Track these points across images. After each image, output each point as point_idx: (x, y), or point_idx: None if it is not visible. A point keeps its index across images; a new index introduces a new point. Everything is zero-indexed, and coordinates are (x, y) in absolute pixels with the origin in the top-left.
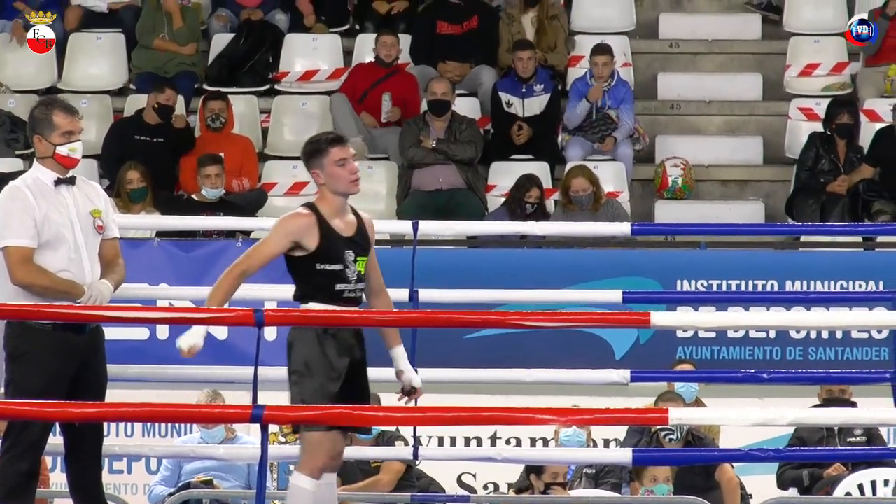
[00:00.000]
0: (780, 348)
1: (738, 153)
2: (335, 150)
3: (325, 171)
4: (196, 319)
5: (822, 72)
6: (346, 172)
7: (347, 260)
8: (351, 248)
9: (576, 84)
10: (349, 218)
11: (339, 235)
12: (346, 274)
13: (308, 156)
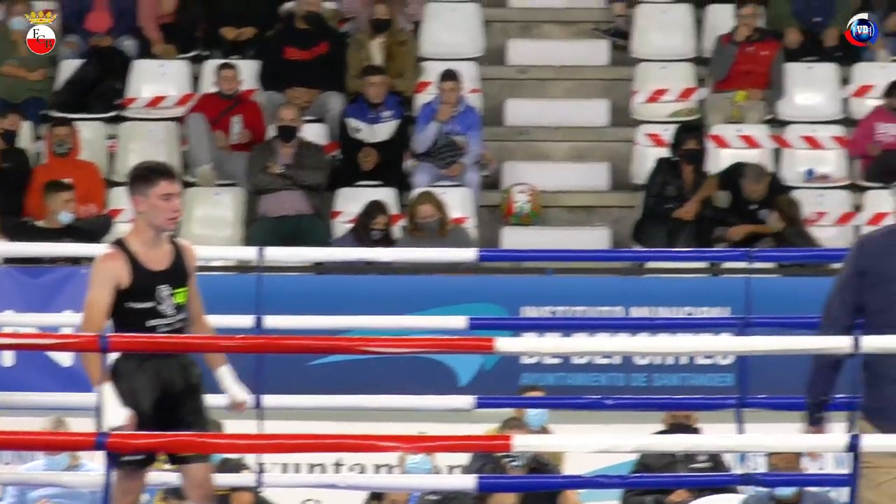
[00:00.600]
0: (625, 374)
1: (584, 179)
2: (164, 182)
3: (147, 201)
4: (41, 346)
5: (669, 97)
6: (168, 208)
7: (160, 295)
8: (166, 282)
9: (424, 110)
10: (164, 248)
11: (149, 271)
12: (159, 310)
13: (134, 181)
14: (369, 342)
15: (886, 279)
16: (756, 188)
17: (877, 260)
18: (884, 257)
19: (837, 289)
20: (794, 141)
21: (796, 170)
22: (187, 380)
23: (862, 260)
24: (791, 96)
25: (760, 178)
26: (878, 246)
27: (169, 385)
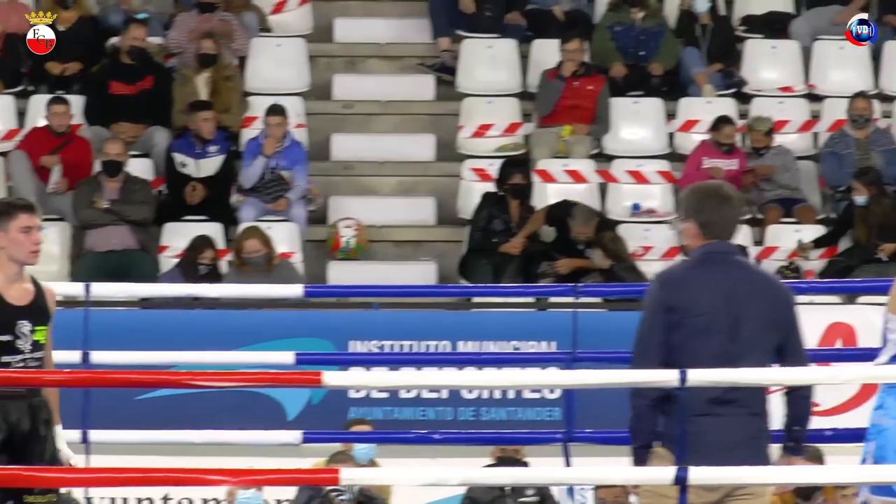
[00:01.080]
0: (453, 409)
1: (411, 214)
2: (24, 216)
3: (7, 236)
4: None
5: (495, 132)
6: (29, 241)
7: (20, 330)
8: (26, 318)
9: (249, 144)
10: (25, 286)
11: (10, 305)
12: (16, 345)
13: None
14: (197, 376)
15: (691, 314)
16: (584, 230)
17: (681, 295)
18: (687, 292)
19: (647, 326)
20: (620, 175)
21: (622, 204)
22: (34, 422)
23: (666, 296)
24: (617, 131)
25: (589, 220)
26: (680, 281)
27: (16, 426)
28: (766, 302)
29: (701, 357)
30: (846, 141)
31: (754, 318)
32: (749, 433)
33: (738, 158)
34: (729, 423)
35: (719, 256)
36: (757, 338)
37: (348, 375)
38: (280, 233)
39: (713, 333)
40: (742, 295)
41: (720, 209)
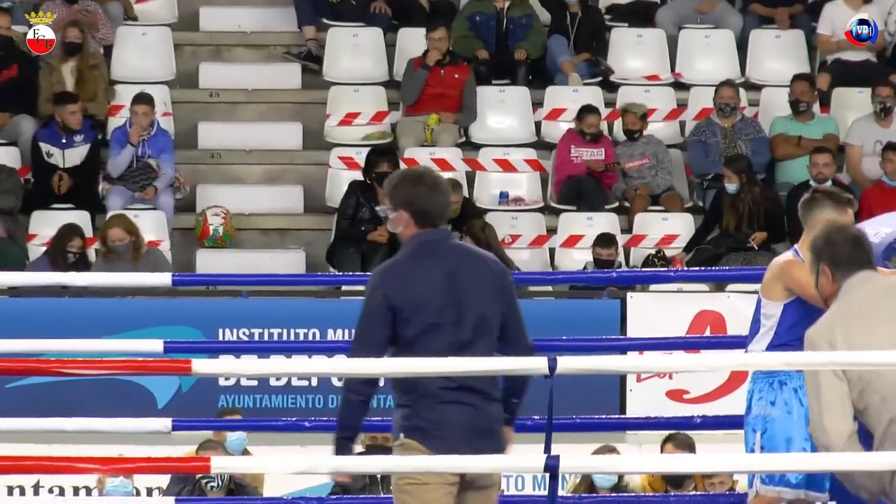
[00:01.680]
0: (323, 396)
1: (278, 202)
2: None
3: None
4: None
5: (361, 121)
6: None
7: None
8: None
9: (115, 133)
10: None
11: None
12: None
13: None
14: (66, 364)
15: (420, 310)
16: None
17: (406, 292)
18: (410, 288)
19: (367, 321)
20: (487, 164)
21: (490, 192)
22: None
23: (391, 294)
24: (483, 119)
25: (455, 190)
26: (402, 276)
27: None
28: (487, 285)
29: (434, 350)
30: (713, 129)
31: (479, 302)
32: (488, 419)
33: (604, 147)
34: (468, 410)
35: (437, 244)
36: (484, 322)
37: (218, 363)
38: (148, 221)
39: (443, 325)
40: (465, 282)
41: (433, 196)
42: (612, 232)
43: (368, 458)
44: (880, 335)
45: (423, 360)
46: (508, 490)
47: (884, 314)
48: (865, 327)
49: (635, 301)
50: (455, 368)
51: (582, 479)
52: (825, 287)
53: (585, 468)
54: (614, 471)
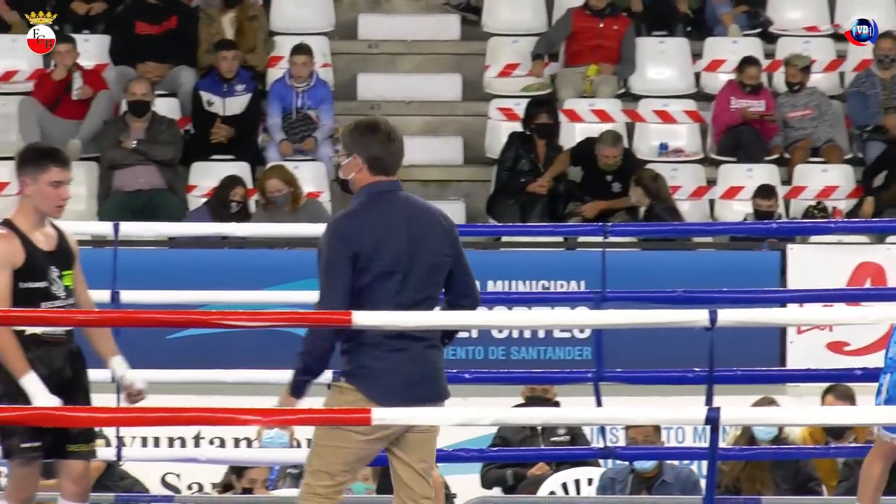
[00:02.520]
0: (483, 348)
1: (438, 154)
2: (56, 170)
3: (36, 186)
4: None
5: (521, 72)
6: (56, 195)
7: (52, 276)
8: (54, 264)
9: (275, 85)
10: (48, 231)
11: (41, 251)
12: (52, 291)
13: (26, 162)
14: (228, 316)
15: (375, 258)
16: (612, 153)
17: (362, 241)
18: (367, 237)
19: (328, 273)
20: (646, 115)
21: (649, 144)
22: (74, 368)
23: (349, 243)
24: (643, 70)
25: (616, 142)
26: (359, 225)
27: (59, 374)
28: (437, 236)
29: (384, 298)
30: (872, 81)
31: (430, 252)
32: (431, 365)
33: (765, 99)
34: (409, 357)
35: (390, 194)
36: (434, 272)
37: (377, 316)
38: (307, 172)
39: (395, 274)
40: (416, 232)
41: (387, 144)
42: (772, 183)
43: (529, 410)
44: None
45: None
46: (669, 442)
47: None
48: None
49: (795, 253)
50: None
51: (742, 432)
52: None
53: (746, 420)
54: (774, 423)
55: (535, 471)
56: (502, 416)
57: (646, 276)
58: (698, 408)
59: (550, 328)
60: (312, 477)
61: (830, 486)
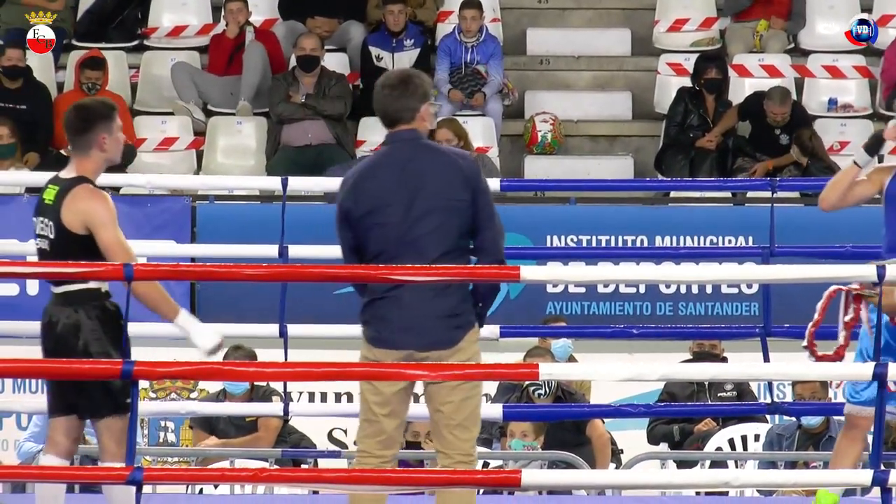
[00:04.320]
0: (651, 303)
1: (606, 109)
2: (118, 117)
3: (112, 136)
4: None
5: (690, 27)
6: (123, 141)
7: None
8: None
9: (444, 40)
10: None
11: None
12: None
13: (102, 119)
14: (394, 270)
15: (366, 212)
16: (780, 111)
17: (356, 194)
18: (360, 191)
19: (337, 230)
20: (815, 70)
21: (819, 99)
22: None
23: (343, 199)
24: (812, 26)
25: (784, 99)
26: (355, 181)
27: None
28: (441, 181)
29: (380, 243)
30: None
31: (430, 198)
32: (431, 313)
33: None
34: (402, 305)
35: (396, 146)
36: (433, 217)
37: (546, 270)
38: (476, 127)
39: (388, 224)
40: (415, 179)
41: (381, 98)
42: None
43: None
44: None
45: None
46: (836, 398)
47: None
48: None
49: None
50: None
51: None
52: None
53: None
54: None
55: (702, 426)
56: (669, 372)
57: (814, 231)
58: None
59: (718, 283)
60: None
61: None
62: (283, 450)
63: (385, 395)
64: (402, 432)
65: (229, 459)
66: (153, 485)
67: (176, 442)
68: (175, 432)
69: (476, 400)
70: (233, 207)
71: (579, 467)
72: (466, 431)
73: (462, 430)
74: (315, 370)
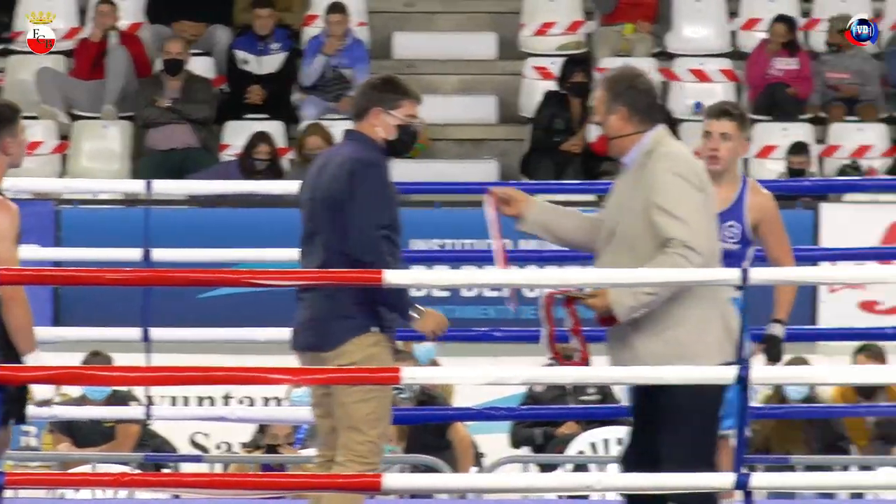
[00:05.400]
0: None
1: (473, 112)
2: (22, 121)
3: (15, 140)
4: None
5: (557, 31)
6: (25, 143)
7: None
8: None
9: (311, 43)
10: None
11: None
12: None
13: (4, 121)
14: (258, 275)
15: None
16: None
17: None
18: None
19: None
20: (682, 74)
21: (684, 103)
22: None
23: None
24: (679, 29)
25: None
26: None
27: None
28: (329, 172)
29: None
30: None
31: (316, 188)
32: (311, 315)
33: (800, 58)
34: (304, 305)
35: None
36: (322, 216)
37: (409, 274)
38: (342, 131)
39: (302, 220)
40: (316, 178)
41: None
42: (806, 142)
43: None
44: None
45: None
46: None
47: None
48: None
49: (828, 211)
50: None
51: (774, 391)
52: None
53: (777, 379)
54: (805, 382)
55: (565, 430)
56: (532, 375)
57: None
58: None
59: (582, 286)
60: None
61: (860, 446)
62: (146, 454)
63: (316, 396)
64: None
65: (91, 464)
66: (15, 489)
67: (38, 447)
68: (37, 436)
69: (374, 404)
70: (97, 212)
71: (441, 471)
72: (360, 434)
73: (355, 432)
74: (177, 374)
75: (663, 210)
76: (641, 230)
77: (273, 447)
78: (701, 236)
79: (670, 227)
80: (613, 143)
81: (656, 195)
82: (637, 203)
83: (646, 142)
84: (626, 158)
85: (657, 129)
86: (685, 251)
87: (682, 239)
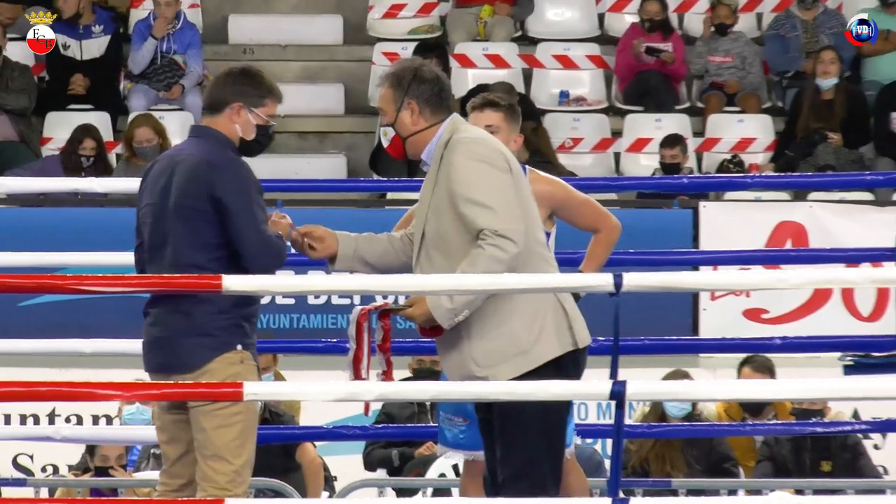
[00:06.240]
0: None
1: (317, 102)
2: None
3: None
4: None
5: (408, 13)
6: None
7: None
8: None
9: (138, 26)
10: None
11: None
12: None
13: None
14: (85, 280)
15: (139, 211)
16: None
17: (139, 194)
18: (141, 190)
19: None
20: (545, 60)
21: (549, 92)
22: None
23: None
24: (542, 12)
25: (509, 93)
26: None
27: None
28: (178, 184)
29: (138, 253)
30: (792, 22)
31: (172, 205)
32: (158, 335)
33: (674, 42)
34: (150, 322)
35: (180, 145)
36: (173, 226)
37: (250, 280)
38: (174, 122)
39: (143, 225)
40: (160, 182)
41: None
42: (683, 134)
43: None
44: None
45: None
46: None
47: None
48: None
49: (708, 211)
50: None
51: (652, 408)
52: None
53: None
54: (687, 398)
55: (424, 450)
56: (388, 391)
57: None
58: (602, 381)
59: (443, 294)
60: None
61: (747, 467)
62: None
63: (163, 420)
64: (193, 460)
65: None
66: None
67: None
68: None
69: (238, 428)
70: None
71: (288, 496)
72: (223, 462)
73: (217, 460)
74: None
75: (468, 200)
76: (451, 227)
77: (103, 469)
78: (513, 221)
79: (479, 218)
80: (409, 143)
81: (458, 185)
82: (442, 200)
83: (441, 133)
84: (425, 155)
85: (451, 118)
86: (498, 240)
87: (492, 228)
